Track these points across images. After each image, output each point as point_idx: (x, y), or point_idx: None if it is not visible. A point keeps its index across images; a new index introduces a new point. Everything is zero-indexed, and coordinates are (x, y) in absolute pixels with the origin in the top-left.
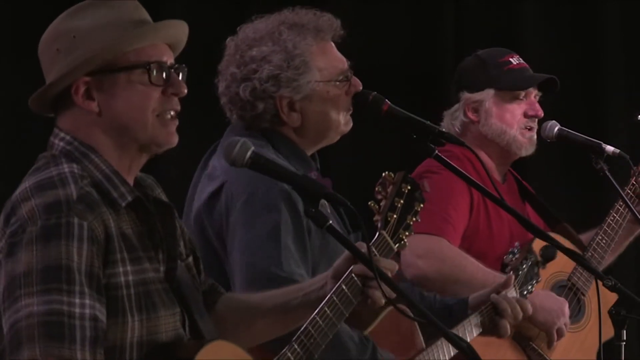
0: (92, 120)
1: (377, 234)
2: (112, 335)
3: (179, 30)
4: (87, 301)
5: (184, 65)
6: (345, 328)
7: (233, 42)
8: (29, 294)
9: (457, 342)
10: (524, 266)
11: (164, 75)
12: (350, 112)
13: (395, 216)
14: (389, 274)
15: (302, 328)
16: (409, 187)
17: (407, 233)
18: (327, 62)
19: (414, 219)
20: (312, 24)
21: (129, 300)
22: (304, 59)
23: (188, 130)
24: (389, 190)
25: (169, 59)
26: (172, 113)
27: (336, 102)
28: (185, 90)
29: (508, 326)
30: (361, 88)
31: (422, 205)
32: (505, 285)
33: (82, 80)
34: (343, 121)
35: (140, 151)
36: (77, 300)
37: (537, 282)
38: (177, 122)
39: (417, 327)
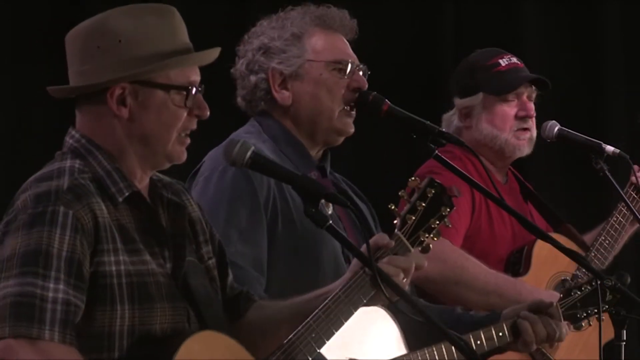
0: (116, 123)
1: (393, 233)
2: (99, 321)
3: (214, 56)
4: (61, 286)
5: (203, 85)
6: None
7: None
8: (7, 277)
9: (457, 342)
10: (585, 289)
11: (194, 98)
12: (352, 113)
13: (414, 218)
14: (404, 273)
15: (302, 325)
16: (434, 192)
17: (428, 235)
18: (324, 46)
19: (437, 222)
20: (319, 12)
21: (120, 288)
22: (296, 32)
23: (192, 133)
24: (414, 195)
25: (198, 80)
26: (188, 132)
27: (330, 89)
28: (208, 114)
29: (532, 345)
30: (366, 87)
31: (449, 210)
32: (545, 307)
33: (120, 85)
34: (337, 113)
35: (152, 165)
36: (52, 285)
37: (596, 312)
38: (189, 141)
39: (398, 331)
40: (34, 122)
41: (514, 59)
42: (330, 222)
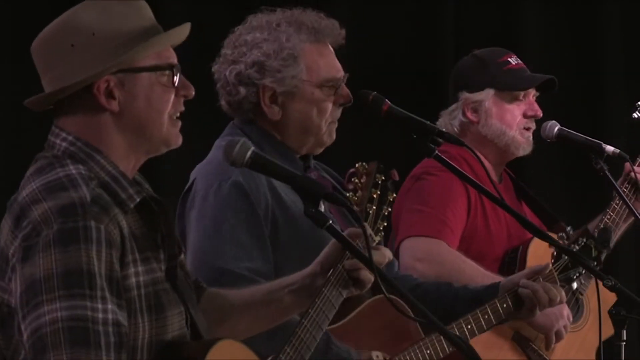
0: (106, 119)
1: (360, 225)
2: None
3: (186, 33)
4: (109, 306)
5: (179, 65)
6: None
7: (237, 29)
8: (51, 300)
9: (455, 340)
10: (573, 248)
11: (178, 77)
12: (335, 123)
13: (374, 207)
14: (381, 258)
15: (298, 322)
16: (383, 178)
17: (385, 224)
18: (317, 64)
19: (389, 209)
20: (312, 24)
21: (140, 301)
22: (293, 52)
23: (188, 130)
24: (362, 180)
25: (176, 60)
26: (178, 114)
27: (320, 107)
28: (193, 93)
29: (535, 311)
30: (352, 101)
31: (394, 195)
32: (539, 272)
33: (104, 79)
34: (325, 129)
35: (148, 151)
36: (100, 306)
37: (589, 270)
38: (180, 123)
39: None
40: (33, 122)
41: (520, 60)
42: (331, 222)
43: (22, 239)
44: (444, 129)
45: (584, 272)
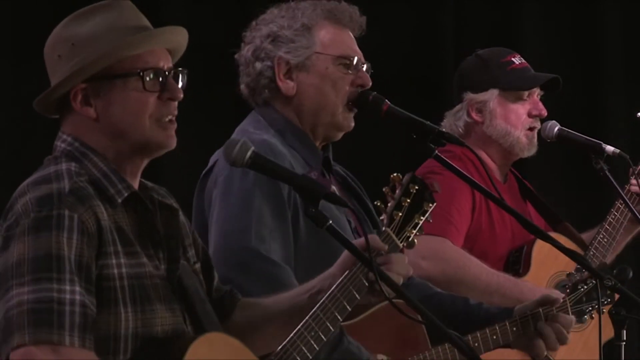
0: (90, 124)
1: (382, 230)
2: (105, 325)
3: (177, 36)
4: (77, 288)
5: (183, 69)
6: None
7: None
8: (20, 284)
9: (457, 342)
10: (590, 282)
11: (160, 80)
12: (354, 109)
13: (400, 214)
14: (404, 270)
15: (302, 323)
16: (417, 187)
17: (415, 232)
18: (332, 40)
19: (422, 217)
20: (330, 6)
21: (122, 291)
22: (307, 24)
23: (189, 133)
24: (397, 190)
25: (166, 63)
26: (169, 117)
27: (335, 84)
28: (181, 95)
29: (543, 347)
30: (370, 84)
31: (431, 205)
32: (554, 302)
33: (80, 87)
34: (341, 108)
35: (138, 155)
36: (68, 287)
37: (603, 303)
38: (175, 126)
39: (423, 327)
40: (35, 124)
41: (523, 60)
42: (330, 222)
43: (5, 229)
44: (444, 130)
45: (596, 307)
